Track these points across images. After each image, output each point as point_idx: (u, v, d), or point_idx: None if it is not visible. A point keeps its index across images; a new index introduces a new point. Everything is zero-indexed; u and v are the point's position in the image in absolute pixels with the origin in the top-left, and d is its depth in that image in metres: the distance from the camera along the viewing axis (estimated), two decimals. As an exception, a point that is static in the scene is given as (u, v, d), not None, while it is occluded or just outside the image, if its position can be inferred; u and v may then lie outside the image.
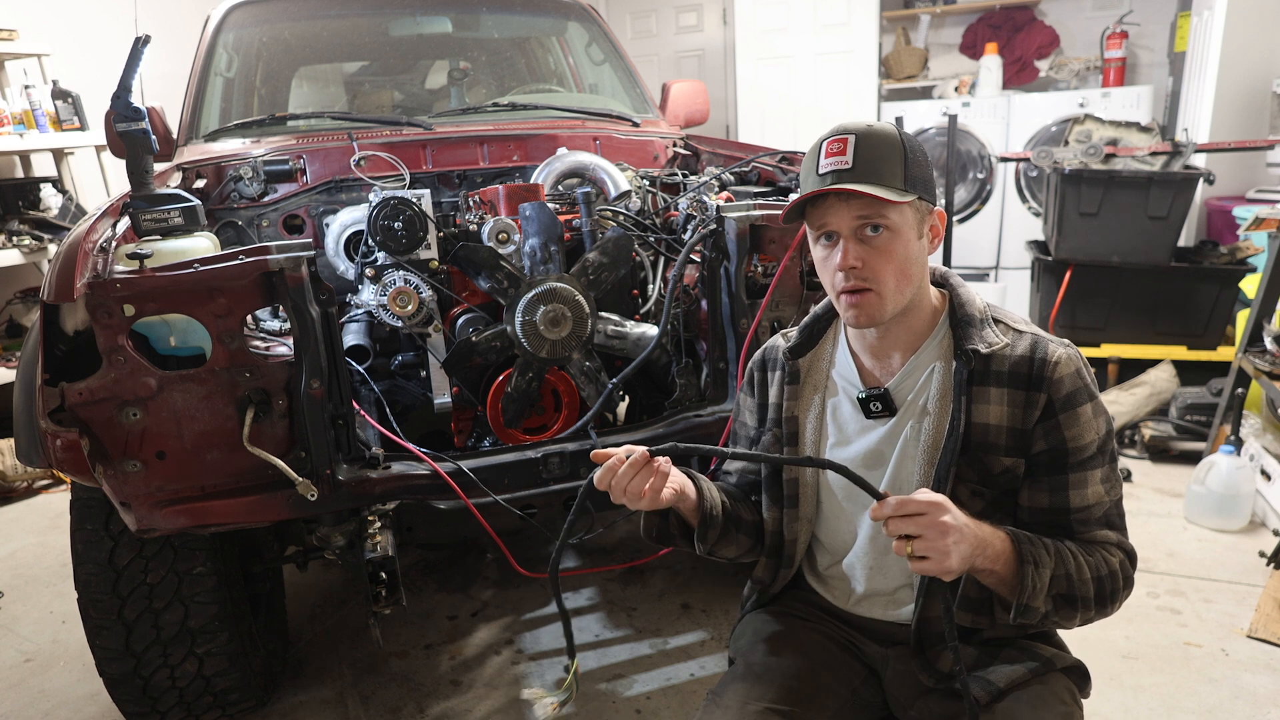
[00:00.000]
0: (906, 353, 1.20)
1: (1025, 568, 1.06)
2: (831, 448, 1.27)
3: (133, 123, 1.70)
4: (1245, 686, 1.99)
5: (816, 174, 1.13)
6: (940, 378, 1.18)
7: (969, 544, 1.01)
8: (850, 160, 1.10)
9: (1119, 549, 1.14)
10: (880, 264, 1.12)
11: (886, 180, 1.10)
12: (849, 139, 1.11)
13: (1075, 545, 1.12)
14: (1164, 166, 3.43)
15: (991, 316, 1.19)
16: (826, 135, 1.14)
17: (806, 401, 1.29)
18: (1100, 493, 1.14)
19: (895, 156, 1.12)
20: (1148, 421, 3.39)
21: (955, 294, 1.21)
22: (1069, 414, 1.12)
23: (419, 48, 3.15)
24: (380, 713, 2.05)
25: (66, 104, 4.15)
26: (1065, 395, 1.12)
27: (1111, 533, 1.15)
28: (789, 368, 1.31)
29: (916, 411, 1.19)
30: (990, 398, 1.14)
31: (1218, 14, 4.13)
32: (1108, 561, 1.12)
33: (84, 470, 1.45)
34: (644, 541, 1.33)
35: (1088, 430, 1.12)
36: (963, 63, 5.62)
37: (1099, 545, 1.13)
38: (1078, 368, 1.13)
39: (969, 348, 1.14)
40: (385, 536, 1.68)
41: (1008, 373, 1.14)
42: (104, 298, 1.39)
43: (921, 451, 1.18)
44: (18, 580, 2.86)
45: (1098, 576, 1.10)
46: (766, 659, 1.26)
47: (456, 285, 1.98)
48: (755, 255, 1.90)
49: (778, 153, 2.41)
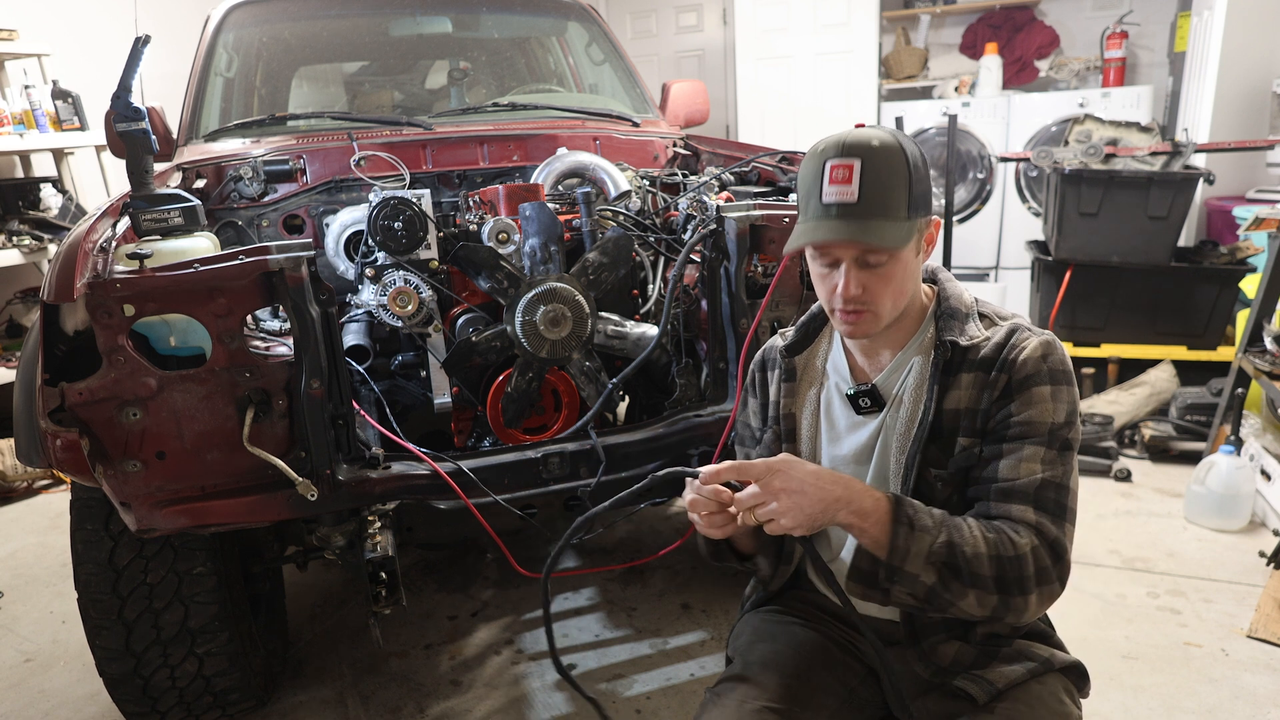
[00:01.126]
0: (895, 349, 1.22)
1: (897, 527, 1.03)
2: (825, 444, 1.28)
3: (133, 123, 1.70)
4: (1245, 686, 1.99)
5: (820, 200, 1.10)
6: (918, 369, 1.19)
7: (814, 500, 1.02)
8: (855, 192, 1.07)
9: (1035, 533, 1.05)
10: (880, 288, 1.12)
11: (892, 211, 1.08)
12: (854, 166, 1.07)
13: (976, 521, 1.07)
14: (1164, 166, 3.43)
15: (978, 311, 1.20)
16: (829, 153, 1.10)
17: (802, 399, 1.31)
18: (1034, 469, 1.08)
19: (901, 182, 1.09)
20: (1148, 421, 3.39)
21: (943, 289, 1.22)
22: (1024, 393, 1.10)
23: (419, 48, 3.15)
24: (380, 713, 2.05)
25: (66, 104, 4.14)
26: (1024, 376, 1.10)
27: (1031, 511, 1.06)
28: (785, 365, 1.33)
29: (896, 403, 1.20)
30: (961, 383, 1.15)
31: (1218, 14, 4.13)
32: (1014, 543, 1.03)
33: (84, 470, 1.45)
34: (643, 541, 1.34)
35: (1041, 411, 1.09)
36: (963, 63, 5.62)
37: (1008, 524, 1.06)
38: (1045, 354, 1.11)
39: (947, 339, 1.15)
40: (385, 536, 1.68)
41: (979, 359, 1.15)
42: (104, 298, 1.39)
43: (895, 439, 1.19)
44: (18, 580, 2.86)
45: (996, 556, 1.03)
46: (764, 658, 1.26)
47: (456, 285, 1.98)
48: (755, 255, 1.90)
49: (778, 153, 2.41)
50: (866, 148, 1.08)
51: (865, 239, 1.07)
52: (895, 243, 1.08)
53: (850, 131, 1.12)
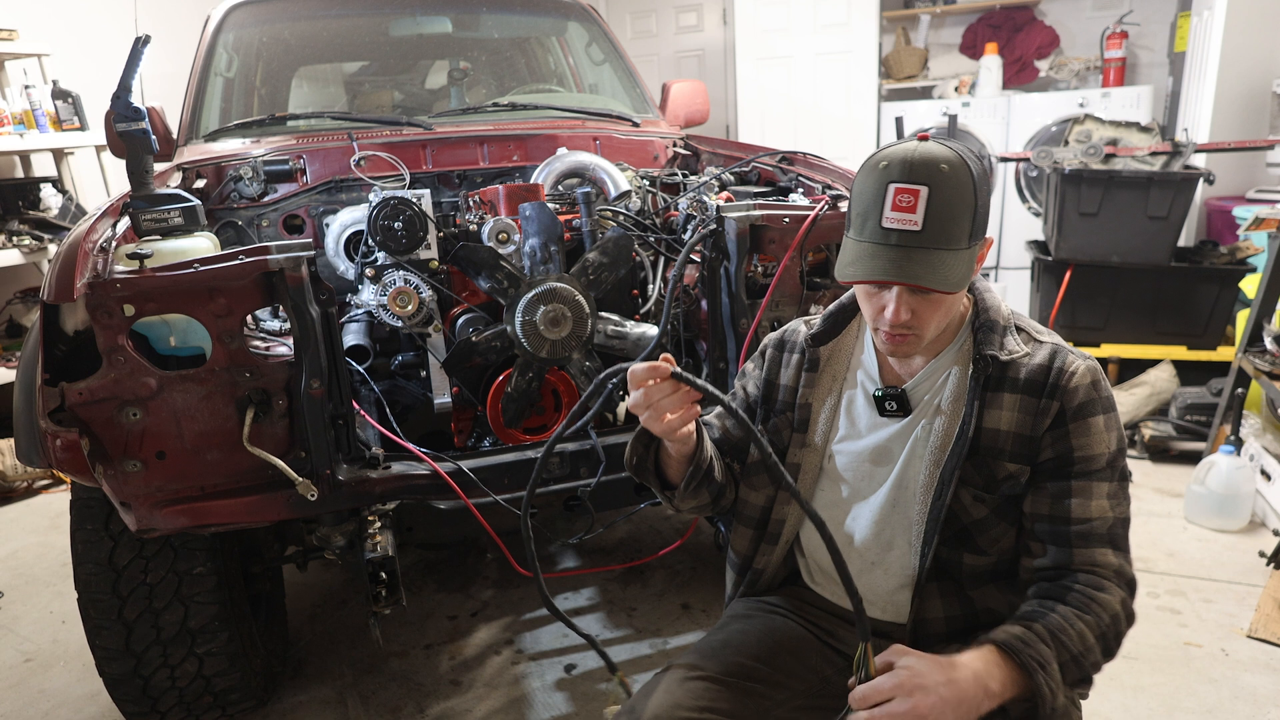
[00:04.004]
0: (929, 355, 1.20)
1: (1036, 678, 0.97)
2: (840, 440, 1.26)
3: (133, 123, 1.70)
4: (1245, 686, 1.99)
5: (879, 224, 1.04)
6: (956, 381, 1.17)
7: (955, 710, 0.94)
8: (920, 221, 1.01)
9: (1119, 581, 1.07)
10: (929, 314, 1.10)
11: (954, 241, 1.04)
12: (920, 194, 1.01)
13: (1068, 610, 1.04)
14: (1164, 166, 3.43)
15: (1015, 325, 1.19)
16: (894, 173, 1.03)
17: (823, 390, 1.29)
18: (1105, 507, 1.09)
19: (966, 211, 1.04)
20: (1148, 421, 3.39)
21: (980, 300, 1.20)
22: (1080, 423, 1.10)
23: (419, 48, 3.15)
24: (380, 713, 2.05)
25: (66, 104, 4.14)
26: (1078, 405, 1.10)
27: (1113, 555, 1.08)
28: (810, 355, 1.30)
29: (930, 412, 1.19)
30: (1004, 404, 1.14)
31: (1218, 14, 4.13)
32: (1107, 608, 1.04)
33: (84, 470, 1.45)
34: (643, 541, 1.33)
35: (1098, 442, 1.10)
36: (963, 63, 5.62)
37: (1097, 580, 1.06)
38: (1094, 380, 1.11)
39: (988, 353, 1.14)
40: (385, 536, 1.68)
41: (1024, 380, 1.13)
42: (104, 298, 1.39)
43: (930, 452, 1.17)
44: (18, 580, 2.86)
45: (1101, 635, 1.03)
46: (728, 637, 1.26)
47: (456, 285, 1.98)
48: (755, 255, 1.90)
49: (778, 153, 2.41)
50: (935, 172, 1.02)
51: (926, 282, 1.02)
52: (954, 284, 1.03)
53: (915, 147, 1.04)
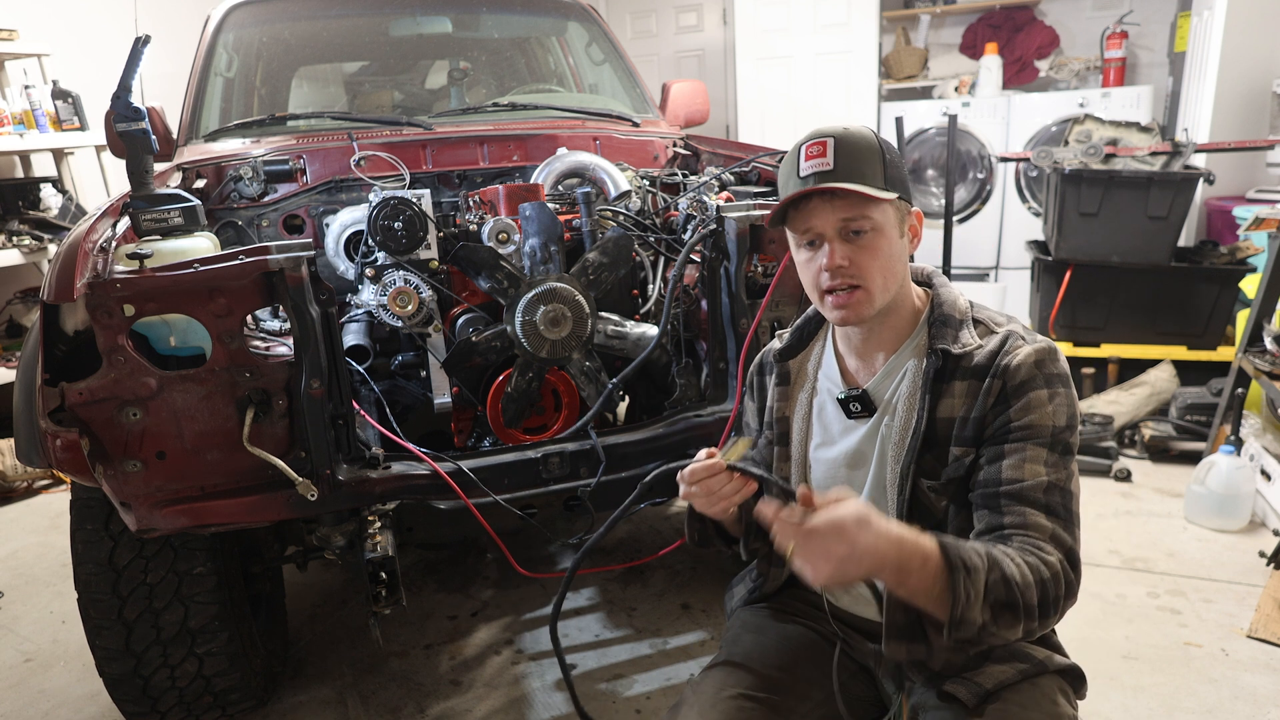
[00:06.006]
0: (889, 352, 1.21)
1: (956, 574, 0.95)
2: (816, 448, 1.28)
3: (133, 123, 1.70)
4: (1245, 686, 1.99)
5: (798, 176, 1.15)
6: (911, 376, 1.19)
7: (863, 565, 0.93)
8: (831, 162, 1.12)
9: (1054, 544, 1.03)
10: (866, 261, 1.13)
11: (868, 180, 1.12)
12: (828, 141, 1.13)
13: (1007, 547, 1.02)
14: (1164, 166, 3.43)
15: (973, 317, 1.19)
16: (804, 140, 1.15)
17: (794, 402, 1.32)
18: (1039, 471, 1.06)
19: (874, 158, 1.14)
20: (1148, 421, 3.39)
21: (937, 294, 1.22)
22: (1021, 398, 1.09)
23: (419, 48, 3.15)
24: (380, 713, 2.05)
25: (66, 104, 4.15)
26: (1019, 381, 1.09)
27: (1046, 519, 1.05)
28: (779, 369, 1.34)
29: (891, 410, 1.20)
30: (955, 391, 1.14)
31: (1218, 14, 4.13)
32: (1046, 563, 1.01)
33: (84, 470, 1.45)
34: (643, 541, 1.34)
35: (1040, 415, 1.08)
36: (963, 63, 5.62)
37: (1032, 540, 1.03)
38: (1040, 359, 1.10)
39: (939, 346, 1.15)
40: (385, 536, 1.68)
41: (973, 367, 1.14)
42: (104, 298, 1.39)
43: (892, 448, 1.19)
44: (18, 580, 2.86)
45: (1040, 580, 1.00)
46: (748, 649, 1.28)
47: (456, 285, 1.98)
48: (755, 255, 1.90)
49: (778, 153, 2.40)
50: (838, 130, 1.14)
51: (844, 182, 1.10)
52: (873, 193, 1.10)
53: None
